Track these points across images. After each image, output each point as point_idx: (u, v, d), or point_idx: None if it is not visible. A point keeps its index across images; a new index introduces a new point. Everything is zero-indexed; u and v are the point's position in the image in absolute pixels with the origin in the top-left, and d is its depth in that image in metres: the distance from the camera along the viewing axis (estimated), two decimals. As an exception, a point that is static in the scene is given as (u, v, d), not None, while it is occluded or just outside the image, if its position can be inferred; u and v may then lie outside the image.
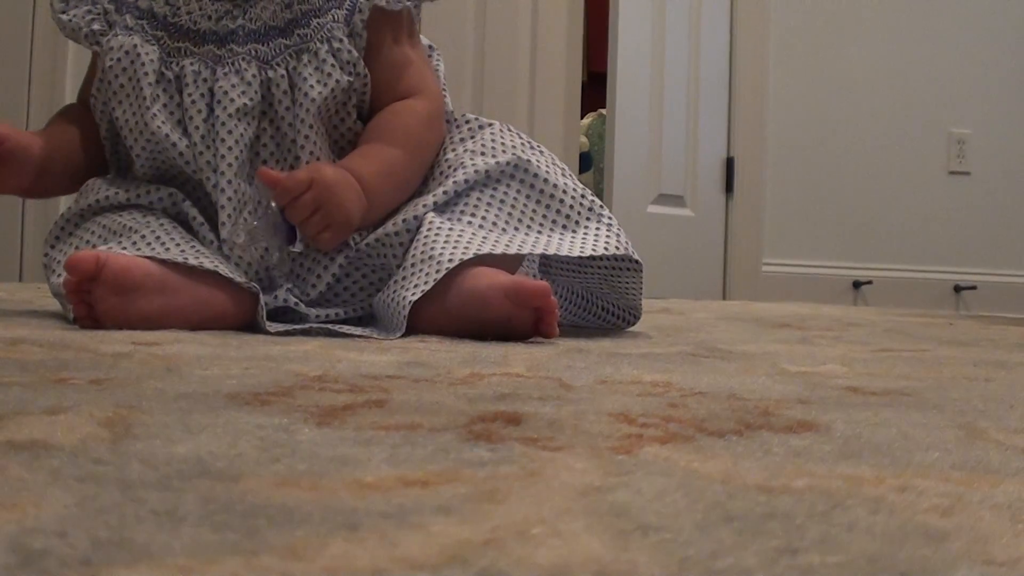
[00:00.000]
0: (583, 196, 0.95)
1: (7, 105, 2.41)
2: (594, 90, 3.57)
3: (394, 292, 0.86)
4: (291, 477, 0.30)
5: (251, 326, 0.85)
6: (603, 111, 3.21)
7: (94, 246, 0.87)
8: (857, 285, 3.04)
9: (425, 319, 0.84)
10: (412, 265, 0.87)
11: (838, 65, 3.07)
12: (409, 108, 0.97)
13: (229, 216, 0.90)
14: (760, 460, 0.35)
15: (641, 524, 0.26)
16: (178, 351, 0.64)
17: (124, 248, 0.84)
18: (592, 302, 1.04)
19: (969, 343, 1.06)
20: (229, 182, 0.90)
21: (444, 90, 1.04)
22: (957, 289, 3.05)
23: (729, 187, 3.07)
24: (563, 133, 2.82)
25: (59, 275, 0.88)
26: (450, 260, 0.84)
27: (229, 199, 0.90)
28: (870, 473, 0.34)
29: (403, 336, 0.82)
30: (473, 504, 0.27)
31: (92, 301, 0.78)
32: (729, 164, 3.05)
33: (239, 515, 0.25)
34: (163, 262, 0.81)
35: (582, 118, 3.20)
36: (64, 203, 2.38)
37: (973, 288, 3.04)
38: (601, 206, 0.96)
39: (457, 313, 0.84)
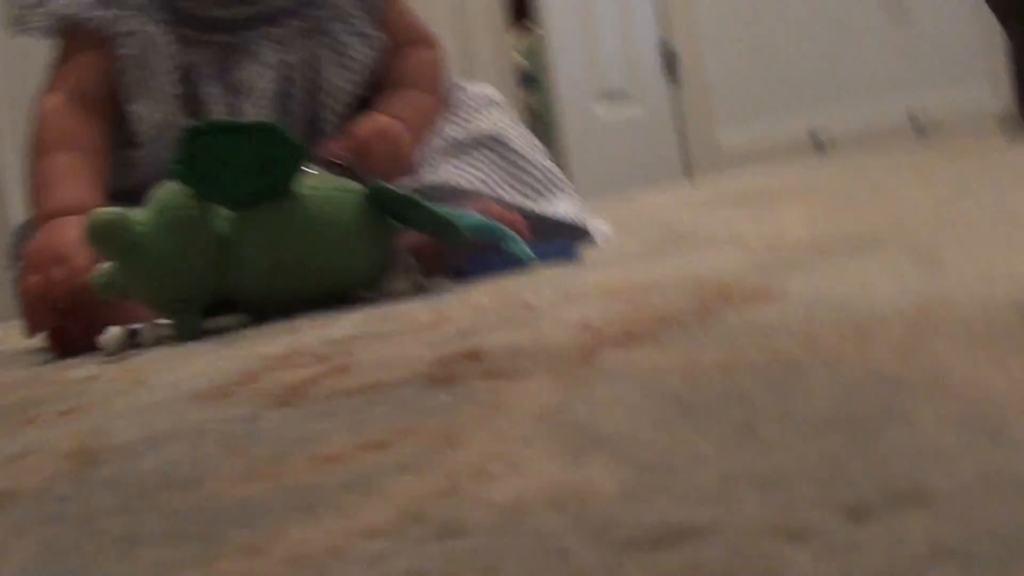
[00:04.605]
0: (550, 170, 0.95)
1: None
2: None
3: None
4: (253, 467, 0.29)
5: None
6: (535, 28, 3.17)
7: None
8: (818, 146, 3.03)
9: None
10: None
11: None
12: (426, 58, 0.98)
13: None
14: (720, 342, 0.35)
15: (597, 436, 0.25)
16: (145, 360, 0.63)
17: None
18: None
19: (935, 183, 1.06)
20: None
21: None
22: (915, 125, 3.03)
23: (672, 74, 3.05)
24: (492, 51, 2.79)
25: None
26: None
27: None
28: (830, 333, 0.33)
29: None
30: (431, 454, 0.27)
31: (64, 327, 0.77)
32: (667, 49, 3.03)
33: (200, 522, 0.25)
34: None
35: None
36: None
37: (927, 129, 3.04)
38: (564, 181, 0.95)
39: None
